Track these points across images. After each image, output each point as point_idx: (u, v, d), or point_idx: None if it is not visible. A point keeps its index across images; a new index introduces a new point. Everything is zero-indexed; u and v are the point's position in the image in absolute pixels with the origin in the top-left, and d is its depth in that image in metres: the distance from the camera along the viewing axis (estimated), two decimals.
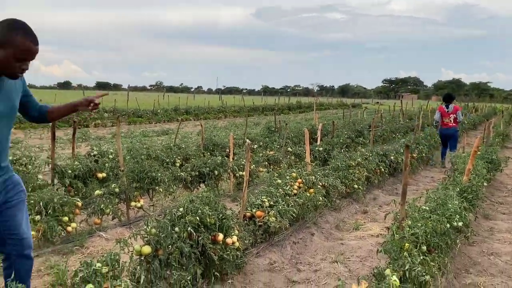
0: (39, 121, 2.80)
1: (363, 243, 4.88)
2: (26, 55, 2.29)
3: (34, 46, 2.29)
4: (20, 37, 2.22)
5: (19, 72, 2.33)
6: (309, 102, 40.97)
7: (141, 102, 27.37)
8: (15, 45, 2.22)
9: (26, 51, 2.27)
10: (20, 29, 2.24)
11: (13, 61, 2.26)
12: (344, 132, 11.12)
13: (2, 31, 2.24)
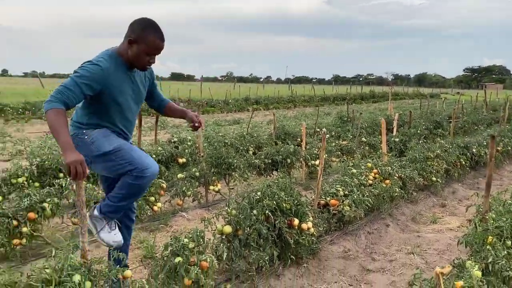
0: (156, 110, 3.14)
1: (441, 236, 4.74)
2: (155, 51, 2.61)
3: (161, 43, 2.60)
4: (151, 35, 2.54)
5: (147, 65, 2.66)
6: (383, 92, 39.59)
7: (213, 92, 28.20)
8: (147, 42, 2.54)
9: (155, 47, 2.58)
10: (151, 28, 2.55)
11: (144, 55, 2.58)
12: (421, 122, 10.69)
13: (136, 30, 2.56)
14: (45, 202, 3.87)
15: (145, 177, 2.69)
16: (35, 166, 4.98)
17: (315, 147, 7.30)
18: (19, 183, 4.77)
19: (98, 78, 2.48)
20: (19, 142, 9.72)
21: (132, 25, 2.58)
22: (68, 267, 2.40)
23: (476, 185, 7.27)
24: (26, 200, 3.73)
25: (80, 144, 2.58)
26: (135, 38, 2.54)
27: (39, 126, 14.03)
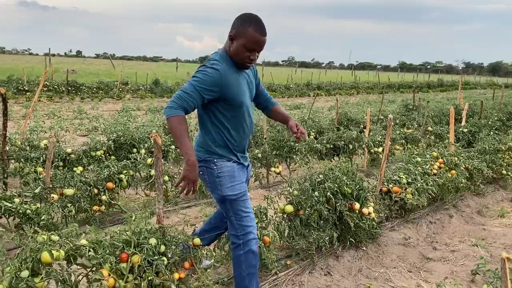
0: (262, 111, 3.01)
1: (508, 231, 4.57)
2: (255, 45, 2.46)
3: (262, 37, 2.45)
4: (251, 29, 2.42)
5: (248, 62, 2.52)
6: (452, 81, 37.63)
7: (274, 77, 28.24)
8: (246, 36, 2.42)
9: (254, 41, 2.44)
10: (252, 22, 2.43)
11: (244, 51, 2.47)
12: (493, 113, 10.12)
13: (235, 25, 2.48)
14: (122, 174, 4.20)
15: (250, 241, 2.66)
16: (112, 141, 5.39)
17: (379, 134, 7.20)
18: (97, 156, 5.18)
19: (216, 81, 2.44)
20: (95, 119, 10.42)
21: (234, 21, 2.51)
22: (145, 231, 2.65)
23: None
24: (106, 171, 4.07)
25: (206, 171, 2.65)
26: (235, 34, 2.46)
27: (111, 105, 14.92)
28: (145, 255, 2.49)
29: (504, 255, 1.57)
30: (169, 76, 26.80)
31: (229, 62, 2.53)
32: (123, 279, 2.44)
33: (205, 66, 2.49)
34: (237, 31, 2.45)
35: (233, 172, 2.65)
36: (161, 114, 12.36)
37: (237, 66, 2.56)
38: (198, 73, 2.47)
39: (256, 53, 2.51)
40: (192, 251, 2.83)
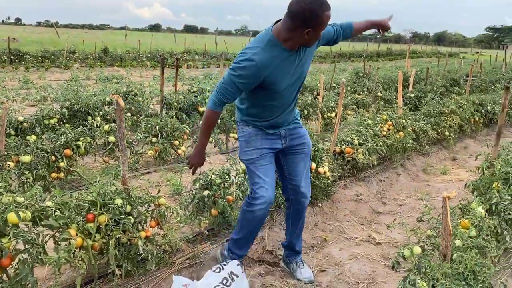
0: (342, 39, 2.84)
1: (449, 186, 4.98)
2: (326, 21, 2.30)
3: (329, 12, 2.26)
4: (327, 12, 2.25)
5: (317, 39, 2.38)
6: (400, 49, 38.89)
7: (228, 46, 27.94)
8: (324, 20, 2.26)
9: (327, 22, 2.30)
10: (323, 4, 2.23)
11: (319, 35, 2.35)
12: (438, 80, 10.69)
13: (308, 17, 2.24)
14: (79, 141, 4.15)
15: (254, 205, 2.63)
16: (65, 109, 5.25)
17: (331, 100, 7.44)
18: (51, 124, 5.06)
19: (254, 74, 2.33)
20: (42, 88, 9.99)
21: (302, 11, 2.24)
22: (110, 192, 2.70)
23: (488, 141, 7.32)
24: (63, 137, 4.01)
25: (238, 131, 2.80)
26: (313, 26, 2.26)
27: (59, 75, 14.30)
28: (112, 214, 2.55)
29: (445, 194, 1.77)
30: (118, 45, 25.82)
31: (277, 48, 2.37)
32: (90, 238, 2.50)
33: (243, 56, 2.34)
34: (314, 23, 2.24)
35: (249, 138, 2.68)
36: (112, 83, 12.03)
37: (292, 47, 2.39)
38: (237, 64, 2.35)
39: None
40: (157, 211, 2.91)
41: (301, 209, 2.89)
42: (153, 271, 2.78)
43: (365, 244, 3.56)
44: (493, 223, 2.58)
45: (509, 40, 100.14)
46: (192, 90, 7.78)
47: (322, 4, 2.22)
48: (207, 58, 23.06)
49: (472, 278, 1.93)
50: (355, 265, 3.17)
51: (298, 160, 2.78)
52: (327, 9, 2.24)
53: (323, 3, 2.23)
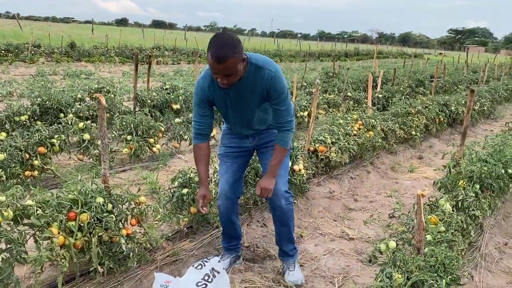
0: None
1: (417, 183, 5.21)
2: (214, 71, 2.29)
3: (216, 64, 2.23)
4: (209, 54, 2.23)
5: (220, 84, 2.37)
6: (367, 50, 39.71)
7: (199, 41, 27.79)
8: (208, 60, 2.28)
9: (212, 67, 2.28)
10: (211, 46, 2.23)
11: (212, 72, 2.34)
12: (404, 80, 11.05)
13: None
14: (53, 138, 4.10)
15: (218, 200, 2.90)
16: (37, 105, 5.15)
17: (304, 99, 7.58)
18: (22, 120, 4.95)
19: (200, 95, 2.57)
20: (8, 83, 9.68)
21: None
22: (91, 191, 2.70)
23: (452, 141, 7.73)
24: (37, 135, 3.94)
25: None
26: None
27: (23, 69, 13.85)
28: (94, 212, 2.56)
29: (419, 192, 1.90)
30: (85, 39, 25.19)
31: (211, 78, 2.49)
32: (72, 236, 2.50)
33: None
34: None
35: (222, 136, 2.95)
36: (80, 79, 11.77)
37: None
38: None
39: (225, 76, 2.30)
40: (137, 209, 2.93)
41: (273, 206, 2.81)
42: (135, 268, 2.81)
43: (339, 239, 3.70)
44: (460, 218, 2.75)
45: (470, 42, 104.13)
46: (164, 87, 7.75)
47: (213, 46, 2.22)
48: (177, 55, 22.85)
49: (443, 270, 2.08)
50: (330, 260, 3.30)
51: (268, 155, 2.79)
52: (212, 55, 2.21)
53: (213, 47, 2.21)
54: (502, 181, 3.94)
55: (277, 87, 2.47)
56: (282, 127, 2.62)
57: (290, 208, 2.82)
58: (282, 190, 2.73)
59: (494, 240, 3.79)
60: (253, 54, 2.53)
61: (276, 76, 2.46)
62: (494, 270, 3.34)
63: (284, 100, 2.54)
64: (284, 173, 2.81)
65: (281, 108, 2.55)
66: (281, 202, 2.75)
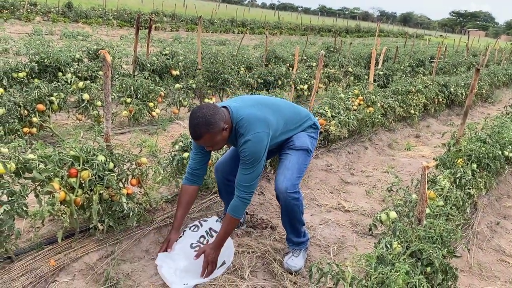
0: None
1: (413, 161, 5.24)
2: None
3: (195, 140, 2.38)
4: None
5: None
6: (368, 27, 39.29)
7: (198, 10, 27.27)
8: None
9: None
10: (189, 122, 2.34)
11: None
12: (405, 59, 10.99)
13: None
14: (52, 96, 4.04)
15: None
16: (35, 63, 5.05)
17: (304, 72, 7.53)
18: (19, 77, 4.87)
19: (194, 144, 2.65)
20: (3, 41, 9.48)
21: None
22: (93, 149, 2.69)
23: (449, 121, 7.77)
24: (36, 92, 3.89)
25: None
26: None
27: (19, 27, 13.55)
28: (96, 170, 2.55)
29: (424, 164, 1.91)
30: (82, 0, 24.62)
31: None
32: (73, 193, 2.50)
33: None
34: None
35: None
36: (77, 40, 11.56)
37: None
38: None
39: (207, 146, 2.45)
40: (138, 170, 2.93)
41: (278, 197, 2.71)
42: (134, 228, 2.83)
43: (334, 211, 3.74)
44: (460, 194, 2.78)
45: (471, 26, 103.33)
46: (164, 52, 7.65)
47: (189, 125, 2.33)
48: (176, 21, 22.45)
49: (440, 242, 2.11)
50: (325, 230, 3.34)
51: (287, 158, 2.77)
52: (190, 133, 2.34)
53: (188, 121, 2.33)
54: (499, 162, 3.98)
55: (246, 151, 2.41)
56: (239, 191, 2.50)
57: (295, 204, 2.66)
58: (286, 189, 2.60)
59: (486, 219, 3.86)
60: (243, 113, 2.45)
61: (249, 143, 2.40)
62: (485, 248, 3.42)
63: (249, 166, 2.44)
64: (296, 170, 2.69)
65: (244, 172, 2.46)
66: (285, 198, 2.63)
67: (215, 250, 2.55)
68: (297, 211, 2.72)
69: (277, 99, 2.91)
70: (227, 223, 2.54)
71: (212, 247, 2.55)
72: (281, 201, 2.69)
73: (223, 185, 2.95)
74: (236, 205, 2.52)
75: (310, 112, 2.98)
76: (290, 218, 2.76)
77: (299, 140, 2.79)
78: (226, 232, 2.56)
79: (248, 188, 2.49)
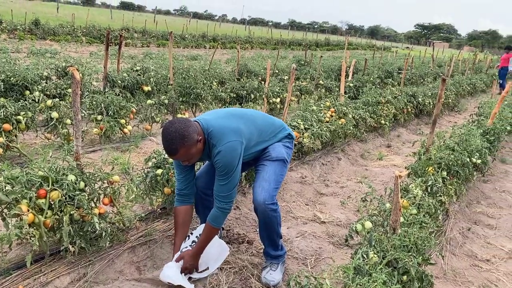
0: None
1: (385, 171, 5.33)
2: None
3: (168, 155, 2.36)
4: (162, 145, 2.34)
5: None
6: (337, 40, 40.14)
7: (169, 25, 27.25)
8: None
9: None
10: (162, 138, 2.32)
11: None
12: (374, 71, 11.25)
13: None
14: (19, 115, 3.93)
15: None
16: (1, 81, 4.91)
17: (276, 86, 7.58)
18: None
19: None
20: None
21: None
22: (63, 168, 2.61)
23: (418, 130, 7.97)
24: (2, 111, 3.77)
25: None
26: None
27: None
28: (66, 190, 2.48)
29: (397, 173, 1.94)
30: (50, 18, 24.22)
31: None
32: (42, 214, 2.42)
33: None
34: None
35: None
36: (45, 57, 11.31)
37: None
38: None
39: (183, 161, 2.43)
40: (111, 188, 2.86)
41: (256, 209, 2.67)
42: (107, 248, 2.75)
43: (311, 223, 3.75)
44: (432, 202, 2.84)
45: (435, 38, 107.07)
46: (135, 68, 7.57)
47: (161, 137, 2.32)
48: (147, 37, 22.34)
49: (415, 250, 2.14)
50: (302, 242, 3.34)
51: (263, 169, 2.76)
52: (162, 142, 2.32)
53: (162, 138, 2.31)
54: (467, 169, 4.10)
55: (220, 162, 2.41)
56: (218, 202, 2.51)
57: (274, 215, 2.65)
58: (264, 201, 2.58)
59: (458, 225, 3.95)
60: (214, 124, 2.46)
61: (221, 153, 2.40)
62: (458, 254, 3.48)
63: (225, 176, 2.44)
64: (274, 181, 2.67)
65: (221, 183, 2.47)
66: (263, 209, 2.61)
67: (193, 258, 2.58)
68: (275, 223, 2.72)
69: (249, 110, 2.91)
70: (207, 232, 2.56)
71: (191, 254, 2.57)
72: (259, 213, 2.67)
73: (200, 199, 2.91)
74: (216, 215, 2.53)
75: (284, 122, 3.00)
76: (268, 230, 2.75)
77: (275, 151, 2.79)
78: (206, 240, 2.58)
79: (227, 198, 2.49)
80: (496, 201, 4.81)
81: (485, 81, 15.92)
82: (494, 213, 4.47)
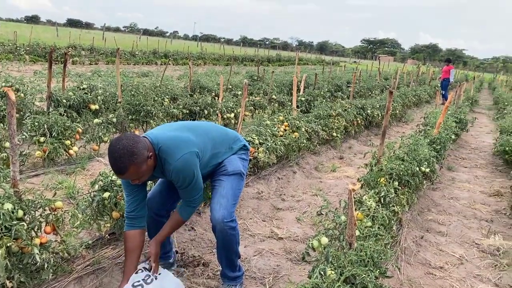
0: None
1: (339, 182, 5.39)
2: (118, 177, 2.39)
3: (117, 174, 2.25)
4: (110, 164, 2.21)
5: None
6: (288, 56, 40.93)
7: (118, 42, 26.71)
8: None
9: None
10: (109, 156, 2.19)
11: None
12: (324, 85, 11.50)
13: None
14: None
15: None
16: None
17: (230, 101, 7.55)
18: None
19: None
20: None
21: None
22: None
23: (369, 142, 8.17)
24: None
25: None
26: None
27: None
28: (2, 220, 2.27)
29: (350, 187, 1.92)
30: None
31: None
32: None
33: None
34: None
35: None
36: None
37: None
38: None
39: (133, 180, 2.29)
40: (53, 215, 2.67)
41: (214, 227, 2.58)
42: (50, 281, 2.54)
43: (268, 239, 3.69)
44: (386, 213, 2.86)
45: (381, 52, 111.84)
46: (82, 87, 7.28)
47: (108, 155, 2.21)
48: (95, 55, 21.72)
49: (372, 264, 2.13)
50: (260, 261, 3.26)
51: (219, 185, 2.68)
52: (109, 160, 2.20)
53: (108, 156, 2.20)
54: (417, 178, 4.20)
55: (178, 179, 2.37)
56: (187, 203, 2.52)
57: (232, 233, 2.56)
58: (223, 218, 2.50)
59: (411, 234, 4.02)
60: (163, 138, 2.36)
61: (177, 169, 2.33)
62: (413, 262, 3.54)
63: (187, 187, 2.41)
64: (231, 196, 2.60)
65: (186, 193, 2.46)
66: (221, 228, 2.52)
67: (156, 243, 2.53)
68: (234, 242, 2.63)
69: (201, 122, 2.83)
70: (174, 221, 2.56)
71: (154, 239, 2.55)
72: (217, 232, 2.57)
73: (153, 222, 2.75)
74: (189, 211, 2.55)
75: (238, 133, 2.93)
76: (226, 250, 2.65)
77: (231, 165, 2.70)
78: (171, 229, 2.59)
79: (198, 197, 2.51)
80: (446, 208, 4.97)
81: (429, 92, 16.73)
82: (444, 220, 4.61)
